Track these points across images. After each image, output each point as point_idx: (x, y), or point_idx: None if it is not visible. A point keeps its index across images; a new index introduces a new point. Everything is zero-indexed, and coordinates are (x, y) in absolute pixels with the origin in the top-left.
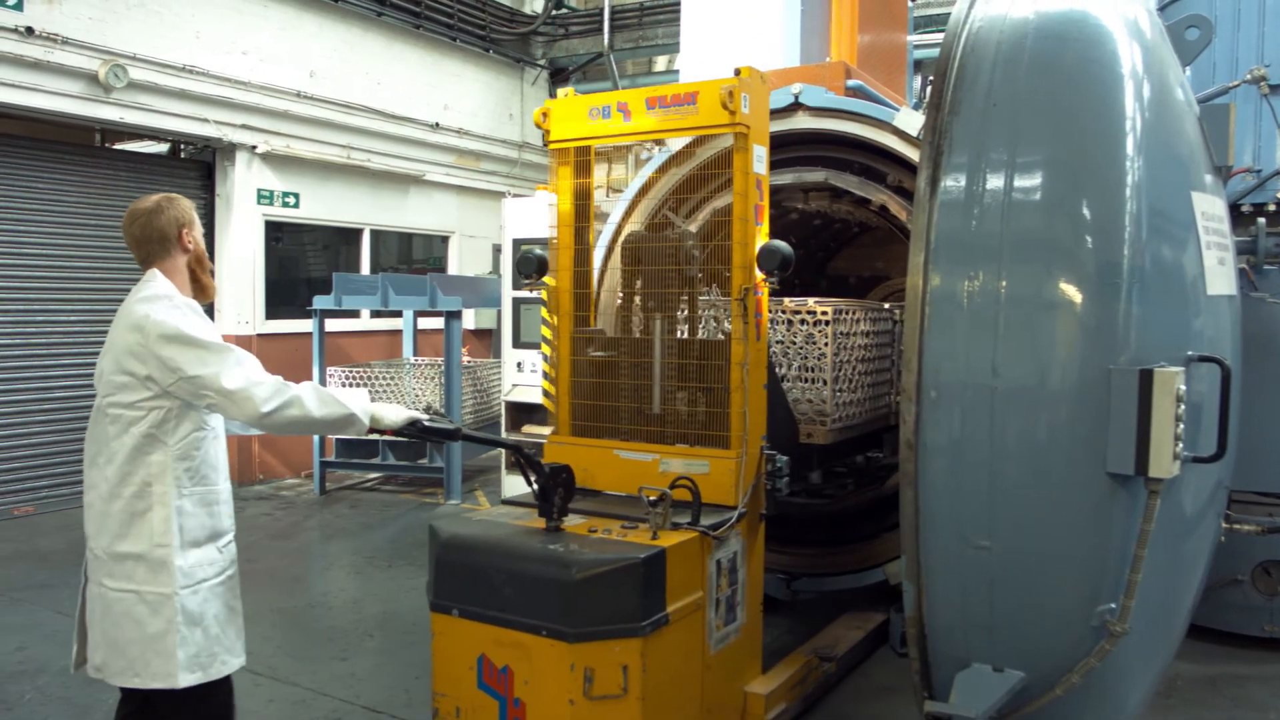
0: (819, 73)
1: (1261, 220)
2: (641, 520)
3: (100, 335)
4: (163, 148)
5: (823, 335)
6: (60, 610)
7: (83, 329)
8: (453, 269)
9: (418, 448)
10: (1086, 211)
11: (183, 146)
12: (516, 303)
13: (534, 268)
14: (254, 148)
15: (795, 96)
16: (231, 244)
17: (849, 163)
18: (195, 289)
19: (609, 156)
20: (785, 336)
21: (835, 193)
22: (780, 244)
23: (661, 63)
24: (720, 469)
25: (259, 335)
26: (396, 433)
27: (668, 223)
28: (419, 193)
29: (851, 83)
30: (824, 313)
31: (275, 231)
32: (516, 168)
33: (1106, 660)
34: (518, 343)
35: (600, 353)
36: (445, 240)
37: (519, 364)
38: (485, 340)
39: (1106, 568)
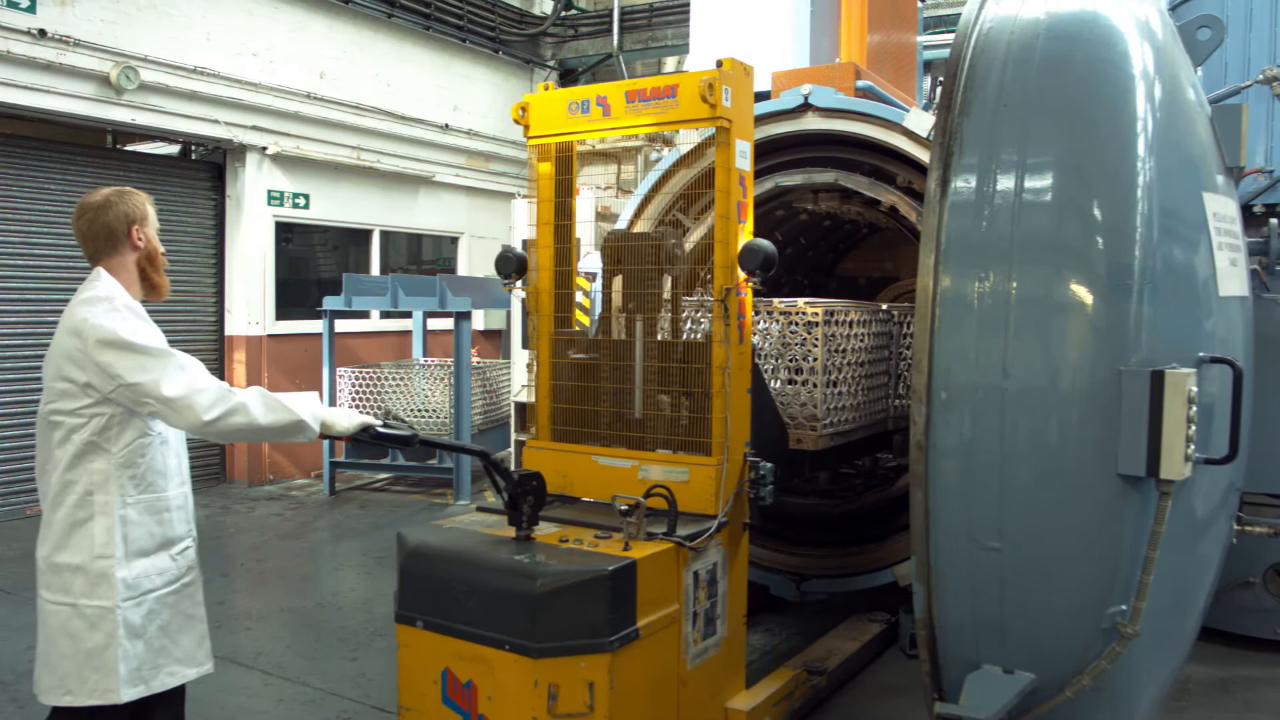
0: (829, 73)
1: (1274, 221)
2: (616, 530)
3: None
4: (173, 149)
5: (813, 337)
6: None
7: None
8: (462, 270)
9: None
10: (1098, 212)
11: (193, 148)
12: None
13: (513, 267)
14: (264, 149)
15: (805, 97)
16: (242, 245)
17: (859, 164)
18: (146, 288)
19: (618, 157)
20: (774, 338)
21: (845, 194)
22: (763, 243)
23: (671, 64)
24: (700, 477)
25: (269, 336)
26: (351, 438)
27: (679, 224)
28: (428, 194)
29: (861, 83)
30: (814, 314)
31: (285, 232)
32: (526, 169)
33: (1117, 662)
34: (527, 344)
35: (580, 355)
36: (455, 241)
37: (529, 365)
38: (494, 341)
39: (1117, 569)
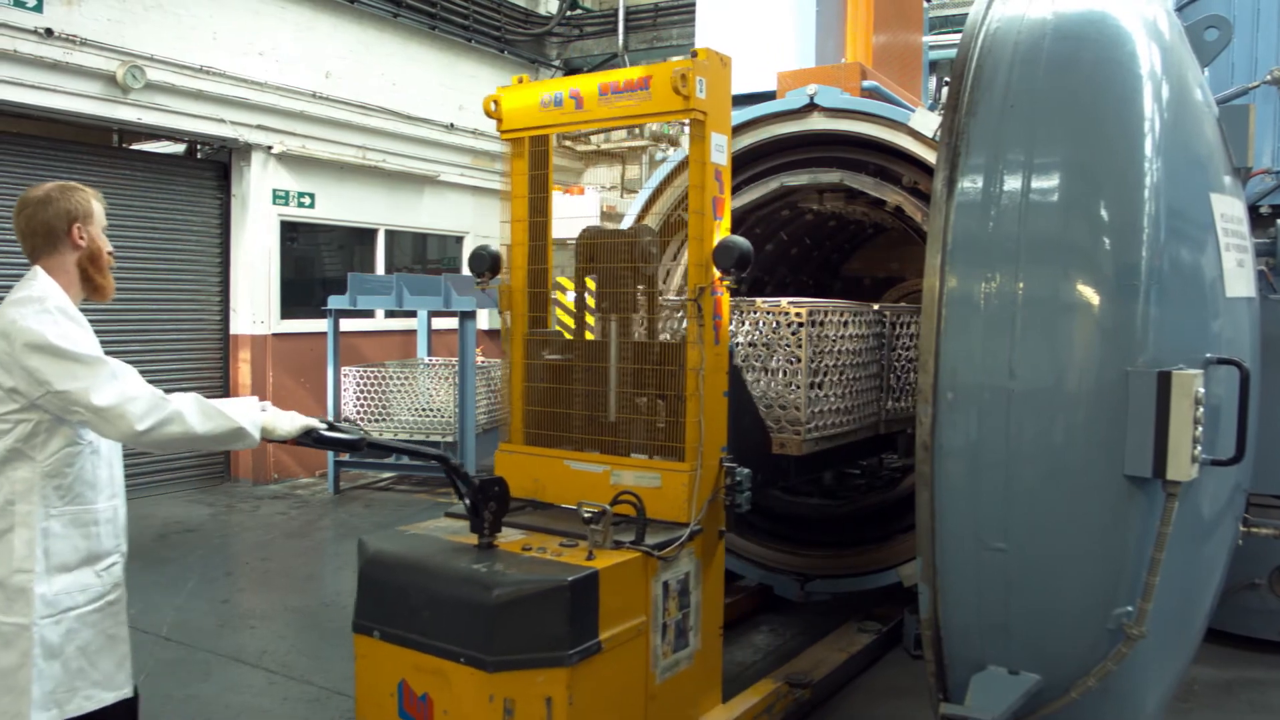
0: (834, 73)
1: None
2: (584, 538)
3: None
4: (179, 148)
5: (796, 338)
6: None
7: (100, 328)
8: (467, 269)
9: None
10: (1104, 213)
11: (199, 147)
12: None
13: (486, 265)
14: (270, 148)
15: (810, 97)
16: (247, 244)
17: (864, 164)
18: (88, 289)
19: (623, 157)
20: (757, 340)
21: (850, 194)
22: (738, 240)
23: None
24: (673, 483)
25: (274, 335)
26: (295, 442)
27: (684, 223)
28: (434, 193)
29: (867, 83)
30: (798, 314)
31: (290, 231)
32: None
33: (1123, 664)
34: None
35: (554, 356)
36: (460, 241)
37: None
38: (499, 341)
39: (1123, 571)
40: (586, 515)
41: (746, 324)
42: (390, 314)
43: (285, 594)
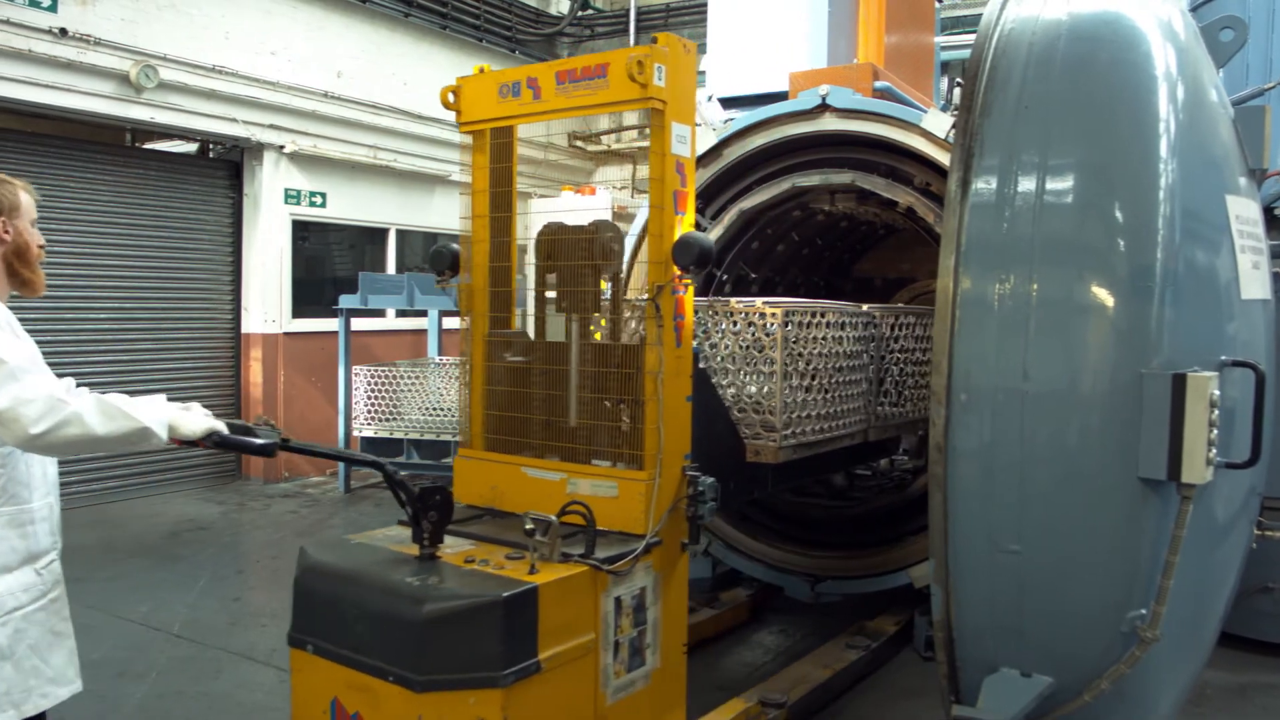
0: (846, 74)
1: None
2: (533, 549)
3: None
4: (191, 147)
5: (771, 341)
6: (90, 604)
7: (112, 326)
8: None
9: (442, 447)
10: (1119, 214)
11: (211, 146)
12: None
13: (447, 263)
14: (282, 147)
15: (823, 98)
16: (259, 243)
17: (876, 164)
18: (15, 284)
19: (634, 156)
20: (732, 341)
21: (862, 194)
22: (699, 235)
23: None
24: (630, 492)
25: (285, 334)
26: (201, 444)
27: (696, 224)
28: (444, 193)
29: (879, 84)
30: (773, 314)
31: (302, 231)
32: (541, 168)
33: (1136, 667)
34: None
35: (516, 358)
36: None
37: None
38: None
39: (1137, 573)
40: (529, 527)
41: (722, 325)
42: (401, 313)
43: None
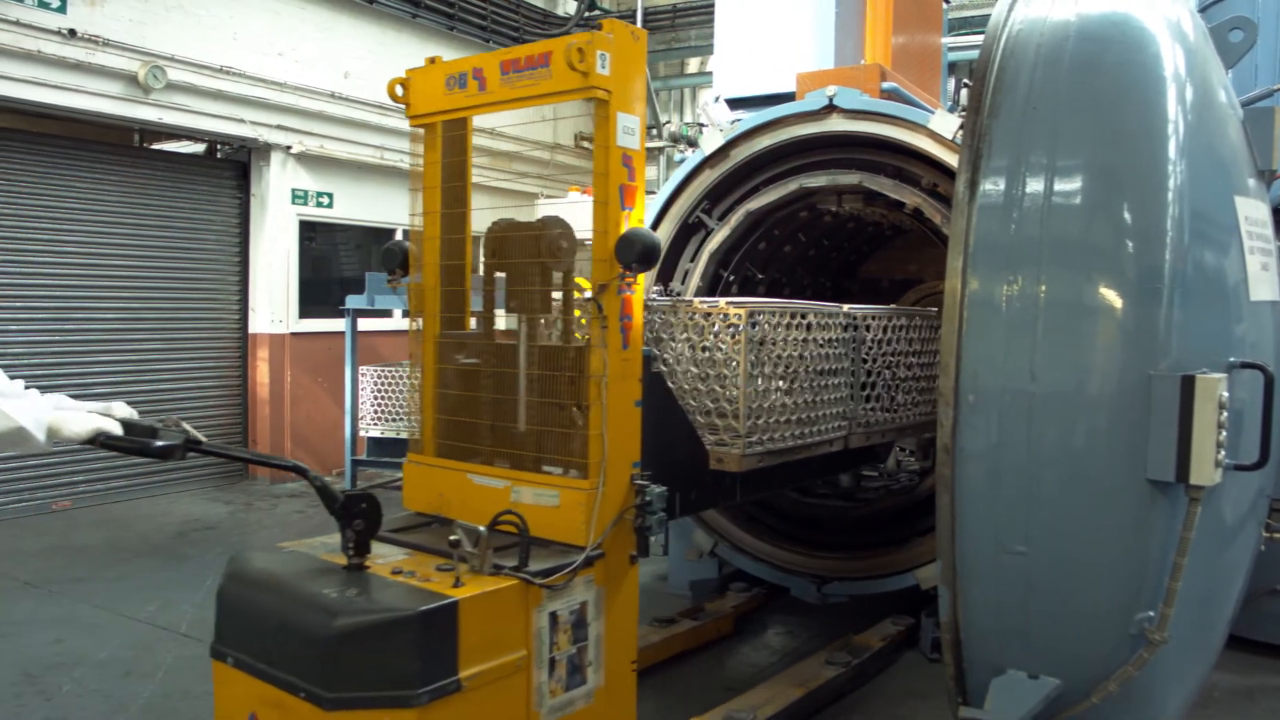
0: (854, 75)
1: None
2: (465, 561)
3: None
4: (199, 148)
5: (735, 342)
6: (97, 604)
7: (119, 326)
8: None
9: None
10: (1127, 215)
11: (219, 146)
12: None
13: (397, 261)
14: (289, 148)
15: (830, 99)
16: (266, 243)
17: (883, 165)
18: None
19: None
20: (695, 343)
21: (869, 195)
22: (643, 232)
23: (694, 64)
24: (570, 502)
25: (292, 334)
26: (92, 444)
27: (702, 224)
28: None
29: (886, 85)
30: (737, 314)
31: (309, 231)
32: (549, 168)
33: (1144, 669)
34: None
35: (468, 360)
36: (477, 240)
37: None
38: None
39: (1145, 575)
40: (453, 538)
41: (686, 326)
42: (408, 313)
43: None
